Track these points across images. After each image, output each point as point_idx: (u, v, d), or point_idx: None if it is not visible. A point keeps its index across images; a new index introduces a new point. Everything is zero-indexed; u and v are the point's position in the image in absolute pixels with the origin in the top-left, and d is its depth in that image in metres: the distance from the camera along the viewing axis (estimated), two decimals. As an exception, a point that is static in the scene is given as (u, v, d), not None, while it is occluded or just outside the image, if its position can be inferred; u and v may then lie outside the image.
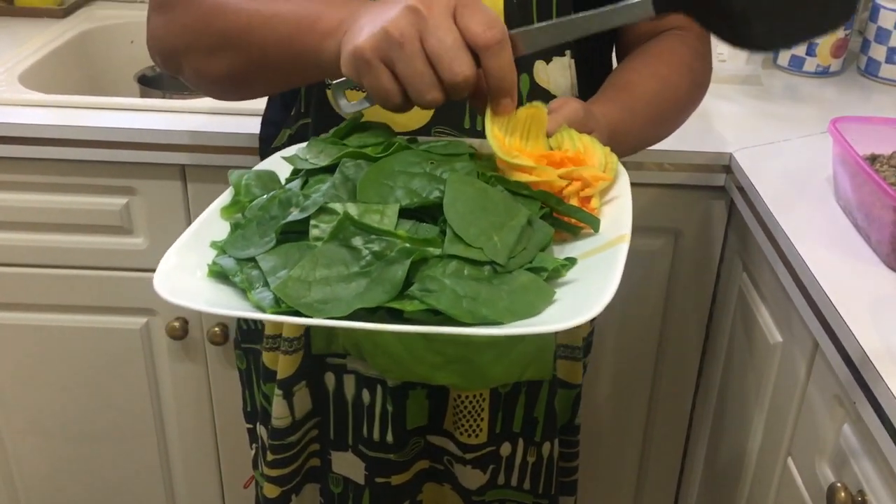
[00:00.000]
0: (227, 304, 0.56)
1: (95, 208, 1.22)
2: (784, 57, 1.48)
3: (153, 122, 1.19)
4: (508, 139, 0.66)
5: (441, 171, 0.63)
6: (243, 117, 1.18)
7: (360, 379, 0.92)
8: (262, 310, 0.54)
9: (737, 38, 0.65)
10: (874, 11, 1.43)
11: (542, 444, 0.96)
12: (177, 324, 1.29)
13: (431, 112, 0.81)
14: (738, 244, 1.20)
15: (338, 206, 0.59)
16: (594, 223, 0.63)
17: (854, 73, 1.49)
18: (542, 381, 0.93)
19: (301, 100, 0.86)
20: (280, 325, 0.91)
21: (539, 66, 0.84)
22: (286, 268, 0.56)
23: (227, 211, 0.67)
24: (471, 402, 0.92)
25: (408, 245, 0.56)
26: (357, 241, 0.56)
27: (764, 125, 1.28)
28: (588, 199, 0.65)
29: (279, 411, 0.93)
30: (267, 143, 0.93)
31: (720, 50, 1.44)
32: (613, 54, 0.96)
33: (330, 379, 0.94)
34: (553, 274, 0.58)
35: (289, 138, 0.88)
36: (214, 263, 0.60)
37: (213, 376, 1.37)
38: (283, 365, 0.92)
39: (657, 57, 0.88)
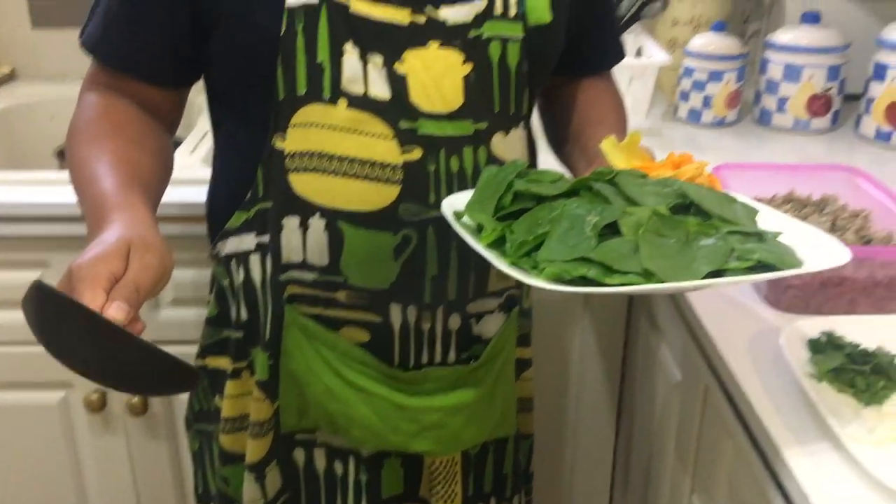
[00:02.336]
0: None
1: (8, 283, 1.22)
2: (683, 110, 1.56)
3: (68, 195, 1.20)
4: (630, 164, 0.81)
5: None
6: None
7: (331, 451, 0.95)
8: (650, 280, 0.65)
9: None
10: (763, 64, 1.52)
11: (512, 498, 1.01)
12: (94, 396, 1.29)
13: (398, 190, 0.85)
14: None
15: (634, 209, 0.71)
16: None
17: (750, 122, 1.57)
18: (508, 437, 0.97)
19: (258, 184, 0.88)
20: (242, 407, 0.96)
21: (498, 138, 0.89)
22: (629, 257, 0.67)
23: (487, 238, 0.73)
24: (445, 468, 0.96)
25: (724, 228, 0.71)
26: (665, 230, 0.70)
27: (663, 175, 1.34)
28: (713, 181, 0.79)
29: (251, 494, 0.95)
30: (218, 221, 0.94)
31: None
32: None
33: (300, 454, 0.96)
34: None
35: (245, 223, 0.90)
36: (549, 265, 0.67)
37: (135, 449, 1.35)
38: (254, 448, 0.95)
39: (608, 99, 1.05)
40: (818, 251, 0.70)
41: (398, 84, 0.84)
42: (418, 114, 0.84)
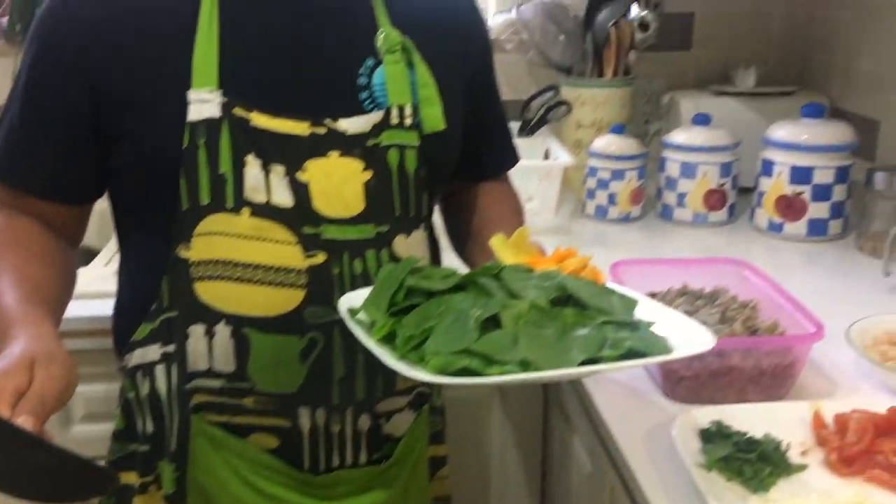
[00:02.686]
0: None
1: None
2: (590, 207, 1.63)
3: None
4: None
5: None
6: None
7: None
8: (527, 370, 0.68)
9: None
10: (662, 162, 1.61)
11: None
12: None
13: (303, 294, 0.87)
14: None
15: (515, 303, 0.75)
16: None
17: (654, 217, 1.66)
18: None
19: (163, 294, 0.89)
20: None
21: (399, 240, 0.92)
22: (509, 348, 0.70)
23: (378, 333, 0.75)
24: None
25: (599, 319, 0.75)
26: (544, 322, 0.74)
27: (571, 270, 1.39)
28: (596, 275, 0.83)
29: None
30: (124, 333, 0.94)
31: (531, 205, 1.58)
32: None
33: None
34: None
35: (150, 333, 0.90)
36: (434, 358, 0.69)
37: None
38: None
39: (504, 199, 1.10)
40: (688, 338, 0.74)
41: (300, 191, 0.87)
42: (321, 219, 0.87)
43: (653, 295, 1.13)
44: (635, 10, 1.69)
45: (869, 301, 1.22)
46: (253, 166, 0.86)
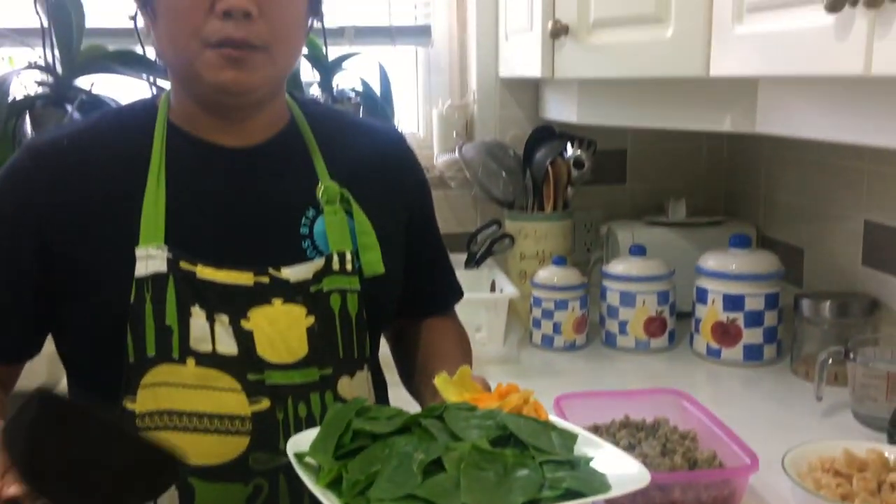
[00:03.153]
0: None
1: None
2: (536, 336, 1.68)
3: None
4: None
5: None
6: None
7: None
8: None
9: None
10: (603, 291, 1.67)
11: None
12: None
13: (247, 441, 0.88)
14: None
15: (458, 445, 0.76)
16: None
17: (598, 344, 1.70)
18: None
19: None
20: None
21: (343, 381, 0.94)
22: (451, 492, 0.71)
23: (324, 479, 0.75)
24: None
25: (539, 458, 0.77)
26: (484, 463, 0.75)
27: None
28: (538, 409, 0.84)
29: None
30: None
31: (480, 335, 1.62)
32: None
33: None
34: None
35: None
36: None
37: None
38: None
39: (449, 334, 1.13)
40: (626, 474, 0.77)
41: (245, 340, 0.90)
42: (265, 366, 0.90)
43: (596, 427, 1.16)
44: (571, 150, 1.80)
45: (804, 426, 1.26)
46: (198, 317, 0.89)
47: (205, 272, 0.90)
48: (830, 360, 1.28)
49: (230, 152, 0.96)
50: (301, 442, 0.83)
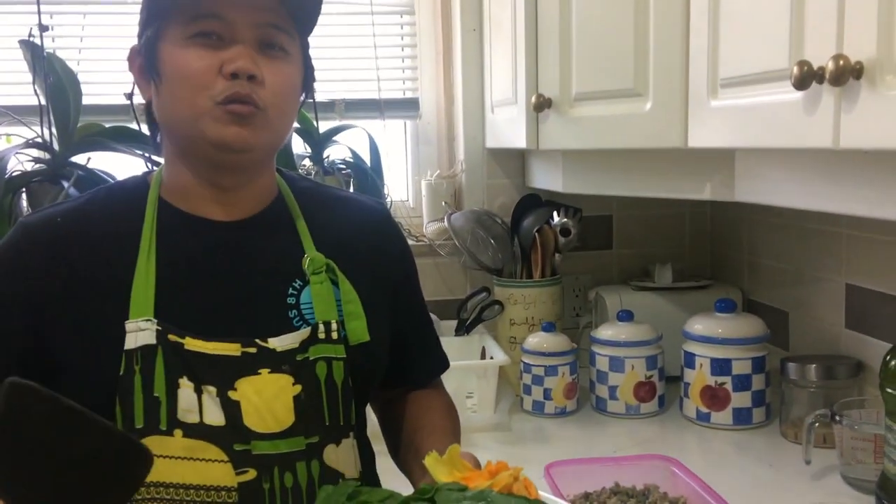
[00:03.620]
0: None
1: None
2: (527, 403, 1.69)
3: None
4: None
5: None
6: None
7: None
8: None
9: None
10: (592, 357, 1.69)
11: None
12: None
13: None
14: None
15: None
16: None
17: (589, 409, 1.71)
18: None
19: None
20: None
21: (329, 449, 0.95)
22: None
23: None
24: None
25: None
26: None
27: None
28: (528, 486, 0.83)
29: None
30: None
31: (471, 402, 1.63)
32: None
33: None
34: None
35: None
36: None
37: None
38: None
39: (436, 405, 1.11)
40: None
41: (232, 410, 0.91)
42: (252, 435, 0.91)
43: (587, 495, 1.17)
44: (557, 217, 1.83)
45: (794, 490, 1.27)
46: (186, 387, 0.90)
47: (193, 344, 0.92)
48: (817, 423, 1.30)
49: (220, 225, 0.99)
50: None
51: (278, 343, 0.95)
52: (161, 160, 1.03)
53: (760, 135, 1.05)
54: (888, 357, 1.14)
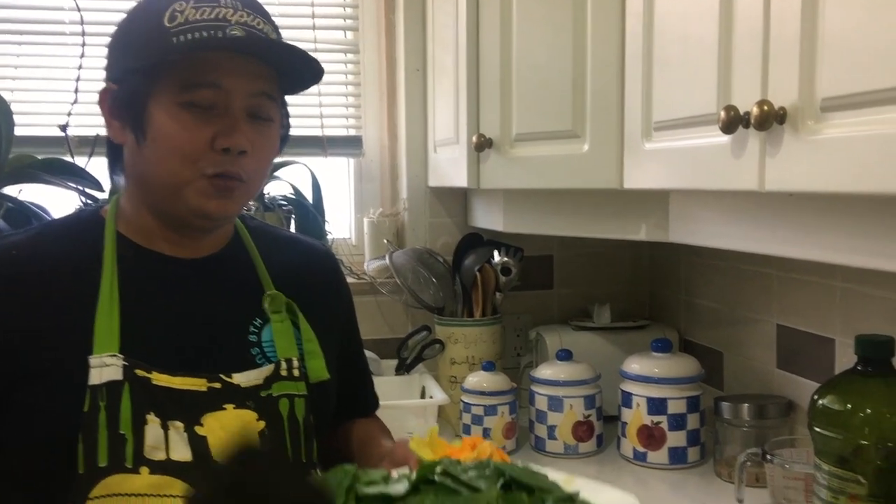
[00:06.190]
0: None
1: None
2: (466, 442, 1.67)
3: None
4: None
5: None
6: None
7: None
8: None
9: None
10: (531, 396, 1.69)
11: None
12: None
13: None
14: None
15: (478, 496, 0.74)
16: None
17: (528, 449, 1.71)
18: None
19: None
20: None
21: None
22: None
23: None
24: None
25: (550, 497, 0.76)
26: None
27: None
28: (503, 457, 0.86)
29: None
30: None
31: (409, 429, 1.61)
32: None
33: None
34: None
35: None
36: None
37: None
38: None
39: (380, 424, 1.18)
40: (616, 500, 0.83)
41: (199, 446, 0.90)
42: None
43: (523, 535, 1.16)
44: (498, 256, 1.85)
45: (727, 528, 1.28)
46: (153, 424, 0.89)
47: (160, 378, 0.90)
48: (749, 462, 1.31)
49: (181, 263, 0.99)
50: None
51: (243, 379, 0.95)
52: (98, 195, 1.02)
53: (691, 177, 1.08)
54: (816, 396, 1.16)
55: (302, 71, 0.96)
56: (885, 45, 0.76)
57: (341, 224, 2.11)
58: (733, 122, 0.92)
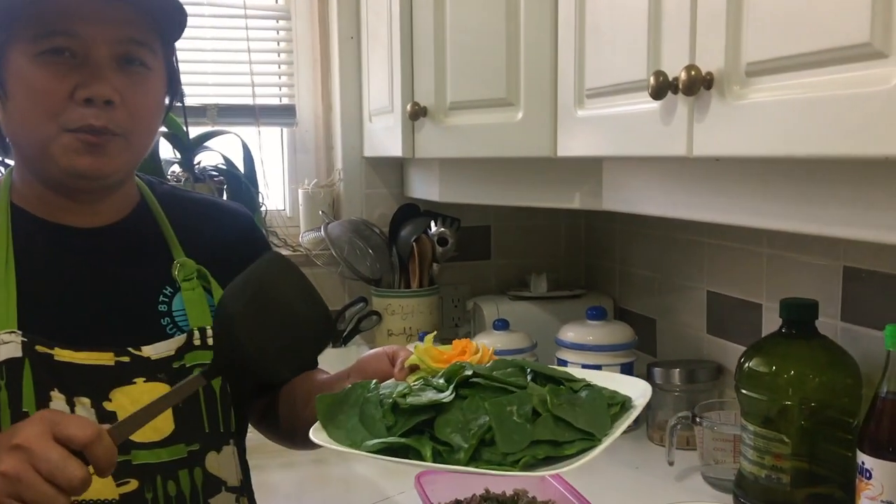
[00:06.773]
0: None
1: None
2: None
3: None
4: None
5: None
6: None
7: None
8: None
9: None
10: (468, 367, 1.69)
11: None
12: None
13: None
14: None
15: (526, 393, 0.81)
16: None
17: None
18: None
19: None
20: None
21: (211, 456, 0.93)
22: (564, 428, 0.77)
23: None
24: None
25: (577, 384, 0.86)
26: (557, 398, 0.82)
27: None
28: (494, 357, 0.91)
29: None
30: None
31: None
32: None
33: None
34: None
35: None
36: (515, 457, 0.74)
37: None
38: None
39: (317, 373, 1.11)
40: (629, 383, 0.89)
41: (108, 421, 0.86)
42: (131, 445, 0.87)
43: (458, 502, 1.16)
44: (435, 227, 1.84)
45: (658, 491, 1.30)
46: (58, 401, 0.86)
47: (63, 354, 0.87)
48: (679, 426, 1.34)
49: (81, 233, 0.94)
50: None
51: (153, 351, 0.92)
52: (10, 161, 0.97)
53: (623, 144, 1.08)
54: (742, 360, 1.19)
55: (172, 13, 0.91)
56: (807, 9, 0.77)
57: (276, 195, 2.07)
58: (662, 87, 0.93)
